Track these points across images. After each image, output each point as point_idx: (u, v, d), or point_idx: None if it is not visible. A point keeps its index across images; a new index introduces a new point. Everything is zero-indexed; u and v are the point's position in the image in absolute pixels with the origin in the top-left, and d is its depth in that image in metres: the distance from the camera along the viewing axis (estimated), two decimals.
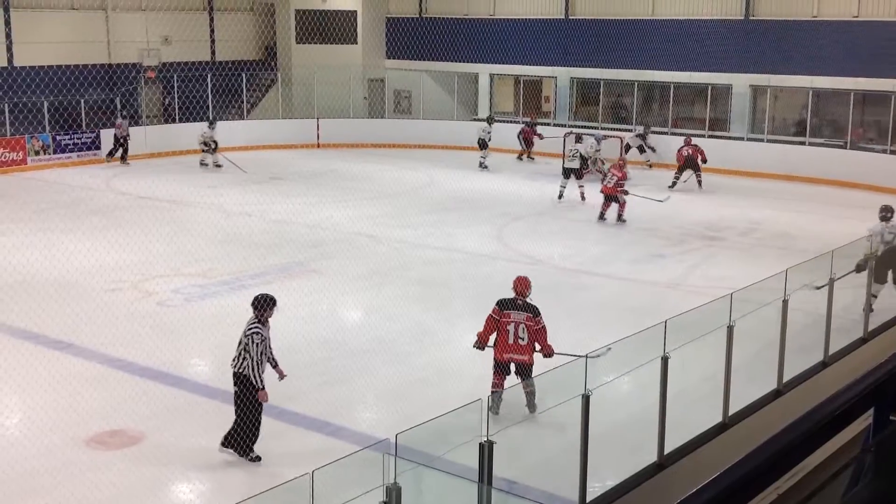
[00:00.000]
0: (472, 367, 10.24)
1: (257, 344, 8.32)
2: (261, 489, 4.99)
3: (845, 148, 23.64)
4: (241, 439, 8.38)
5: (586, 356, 7.62)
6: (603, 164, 23.66)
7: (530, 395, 8.89)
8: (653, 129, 26.07)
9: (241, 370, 8.36)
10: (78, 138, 24.88)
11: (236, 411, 8.41)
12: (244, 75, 28.67)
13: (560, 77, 28.49)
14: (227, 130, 27.38)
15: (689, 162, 21.97)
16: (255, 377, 8.31)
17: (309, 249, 16.07)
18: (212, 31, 30.03)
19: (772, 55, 24.45)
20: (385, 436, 7.60)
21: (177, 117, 27.22)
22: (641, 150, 25.31)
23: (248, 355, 8.32)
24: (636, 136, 25.51)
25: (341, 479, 5.70)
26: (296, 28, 30.51)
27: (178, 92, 27.11)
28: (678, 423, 7.79)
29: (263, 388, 8.36)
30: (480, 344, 9.39)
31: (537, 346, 9.19)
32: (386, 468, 5.50)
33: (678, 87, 26.48)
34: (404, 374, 10.56)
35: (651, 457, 7.56)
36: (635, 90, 27.08)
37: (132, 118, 26.06)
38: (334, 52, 29.87)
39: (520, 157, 26.49)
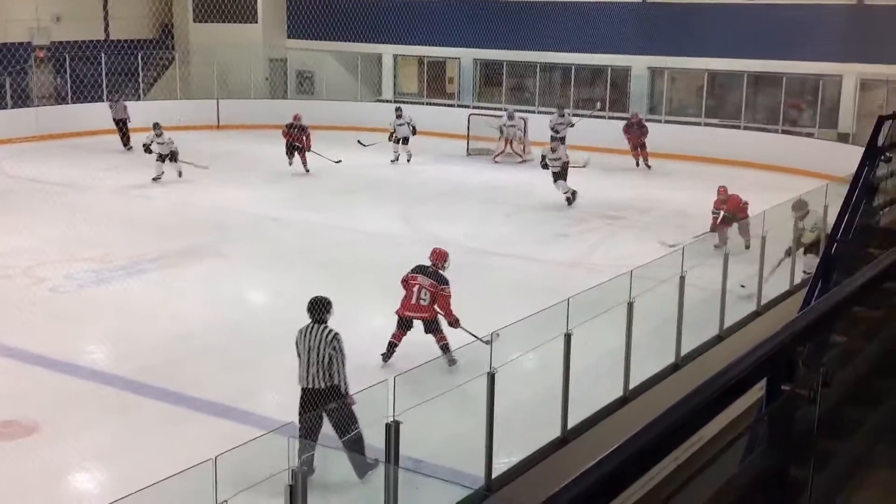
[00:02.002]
0: (379, 349, 10.24)
1: (342, 349, 7.69)
2: (163, 476, 4.88)
3: (739, 129, 24.38)
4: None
5: (482, 340, 8.62)
6: (521, 142, 23.44)
7: (444, 347, 9.89)
8: (548, 110, 25.98)
9: (334, 382, 7.65)
10: None
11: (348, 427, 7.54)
12: (140, 55, 27.83)
13: (463, 58, 28.55)
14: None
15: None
16: (344, 383, 7.68)
17: (211, 233, 15.77)
18: (105, 8, 29.05)
19: (669, 38, 24.98)
20: (290, 419, 7.55)
21: (69, 98, 26.28)
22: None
23: (337, 363, 7.66)
24: (561, 123, 23.34)
25: (246, 463, 5.63)
26: (193, 6, 29.77)
27: (70, 72, 26.17)
28: (581, 398, 7.95)
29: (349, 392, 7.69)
30: None
31: (442, 312, 10.10)
32: (291, 451, 5.45)
33: (579, 68, 26.84)
34: None
35: (555, 432, 7.70)
36: (538, 72, 27.34)
37: (114, 95, 24.98)
38: (234, 31, 29.24)
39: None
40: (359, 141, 22.91)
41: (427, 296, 10.04)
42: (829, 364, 3.24)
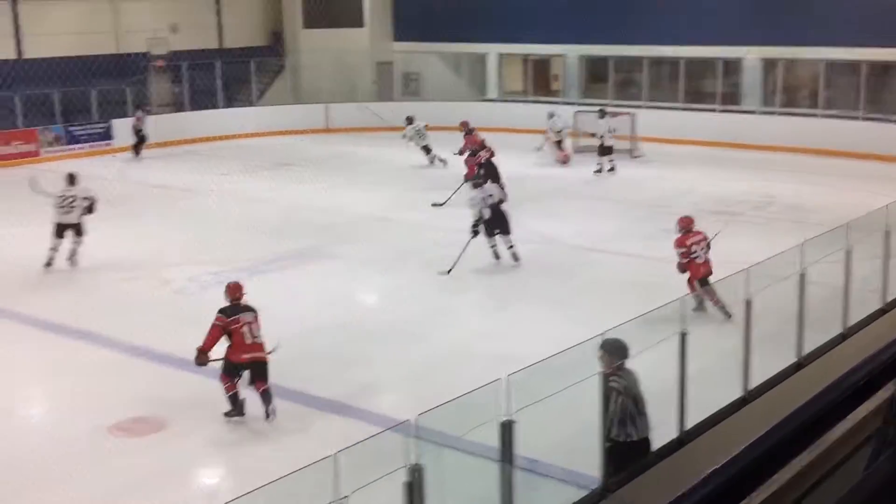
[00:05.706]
0: (489, 347, 10.28)
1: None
2: (285, 472, 5.02)
3: (858, 119, 23.49)
4: None
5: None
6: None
7: (265, 394, 8.91)
8: (657, 105, 25.63)
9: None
10: (91, 128, 24.97)
11: None
12: (252, 62, 28.64)
13: (569, 55, 28.33)
14: (237, 118, 27.45)
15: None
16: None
17: (323, 234, 16.11)
18: (219, 17, 30.01)
19: (782, 26, 24.22)
20: (406, 417, 7.64)
21: (187, 106, 27.25)
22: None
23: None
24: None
25: (364, 460, 5.74)
26: (303, 12, 30.46)
27: (187, 80, 27.13)
28: (697, 399, 7.80)
29: None
30: (203, 358, 9.03)
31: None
32: (408, 449, 5.54)
33: (689, 61, 26.30)
34: (422, 355, 10.60)
35: (672, 433, 7.58)
36: (645, 66, 26.91)
37: (144, 108, 25.85)
38: (342, 36, 29.79)
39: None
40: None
41: (259, 331, 9.11)
42: None
